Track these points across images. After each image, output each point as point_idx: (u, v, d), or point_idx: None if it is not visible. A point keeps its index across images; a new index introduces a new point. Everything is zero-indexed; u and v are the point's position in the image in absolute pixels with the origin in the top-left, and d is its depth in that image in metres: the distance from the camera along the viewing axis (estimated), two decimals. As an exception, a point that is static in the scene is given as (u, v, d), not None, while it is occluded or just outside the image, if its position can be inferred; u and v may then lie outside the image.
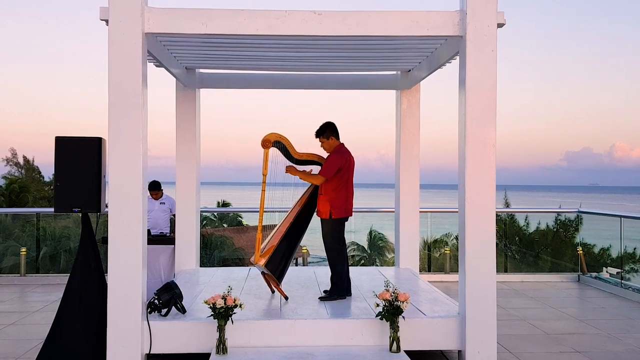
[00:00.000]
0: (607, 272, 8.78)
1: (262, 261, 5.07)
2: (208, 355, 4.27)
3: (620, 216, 8.54)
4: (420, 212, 7.18)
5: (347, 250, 6.37)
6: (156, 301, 4.52)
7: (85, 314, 4.47)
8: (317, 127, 5.34)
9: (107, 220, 4.37)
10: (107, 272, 4.38)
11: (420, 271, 7.21)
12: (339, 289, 5.28)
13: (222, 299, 4.23)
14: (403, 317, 4.34)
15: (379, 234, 11.68)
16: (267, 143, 5.14)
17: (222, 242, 10.38)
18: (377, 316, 4.37)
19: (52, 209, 5.00)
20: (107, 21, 4.31)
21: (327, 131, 5.30)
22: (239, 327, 4.38)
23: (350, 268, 5.51)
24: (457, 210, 4.72)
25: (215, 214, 14.67)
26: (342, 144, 5.38)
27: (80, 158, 4.50)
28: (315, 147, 5.43)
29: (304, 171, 5.32)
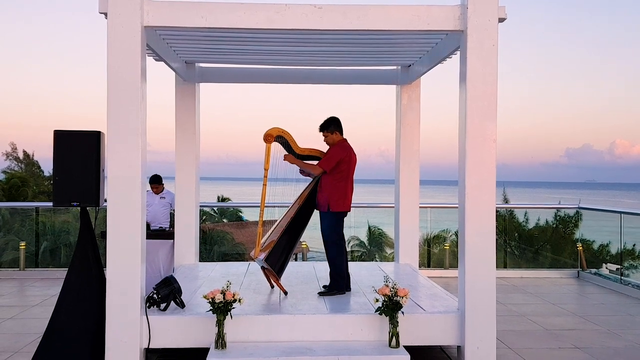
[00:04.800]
0: (606, 268, 8.78)
1: (262, 255, 5.06)
2: (207, 349, 4.27)
3: (620, 212, 8.53)
4: (420, 207, 7.17)
5: (348, 246, 6.38)
6: (155, 296, 4.51)
7: (84, 308, 4.46)
8: (322, 121, 5.32)
9: (106, 215, 4.35)
10: (106, 267, 4.37)
11: (419, 267, 7.21)
12: (339, 284, 5.27)
13: (221, 293, 4.22)
14: (402, 313, 4.33)
15: (379, 229, 11.66)
16: (269, 137, 5.13)
17: (222, 237, 10.36)
18: (376, 311, 4.37)
19: (51, 204, 4.98)
20: (105, 14, 4.29)
21: (332, 126, 5.29)
22: (238, 322, 4.37)
23: (350, 263, 5.50)
24: (457, 205, 4.71)
25: (216, 209, 14.64)
26: (345, 139, 5.36)
27: (79, 152, 4.48)
28: (317, 142, 5.42)
29: (301, 160, 5.30)
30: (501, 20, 4.42)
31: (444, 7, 4.45)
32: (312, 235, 7.87)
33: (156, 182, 7.30)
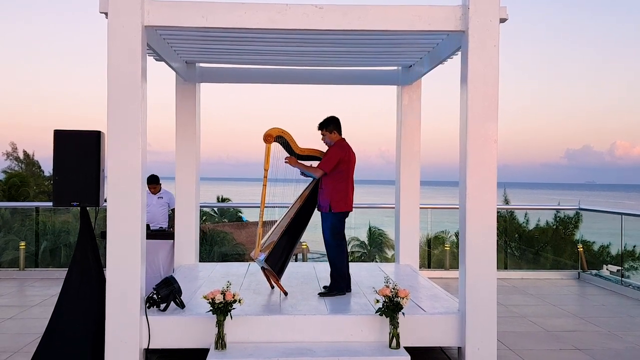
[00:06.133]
0: (607, 269, 8.76)
1: (262, 256, 5.05)
2: (207, 350, 4.26)
3: (621, 213, 8.51)
4: (421, 208, 7.16)
5: (348, 246, 6.35)
6: (155, 296, 4.50)
7: (84, 308, 4.45)
8: (322, 120, 5.32)
9: (106, 215, 4.34)
10: (105, 267, 4.36)
11: (419, 267, 7.20)
12: (339, 285, 5.26)
13: (221, 294, 4.21)
14: (403, 314, 4.32)
15: (379, 230, 11.66)
16: (269, 138, 5.12)
17: (222, 237, 10.36)
18: (376, 312, 4.36)
19: (51, 203, 4.98)
20: (106, 14, 4.28)
21: (331, 125, 5.28)
22: (238, 323, 4.36)
23: (350, 264, 5.49)
24: (457, 206, 4.70)
25: (216, 209, 14.65)
26: (344, 139, 5.36)
27: (79, 152, 4.48)
28: (317, 142, 5.41)
29: (302, 163, 5.31)
30: (502, 20, 4.41)
31: (445, 8, 4.44)
32: (313, 235, 7.86)
33: (153, 182, 7.28)
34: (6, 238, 9.43)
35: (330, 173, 5.20)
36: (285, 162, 5.24)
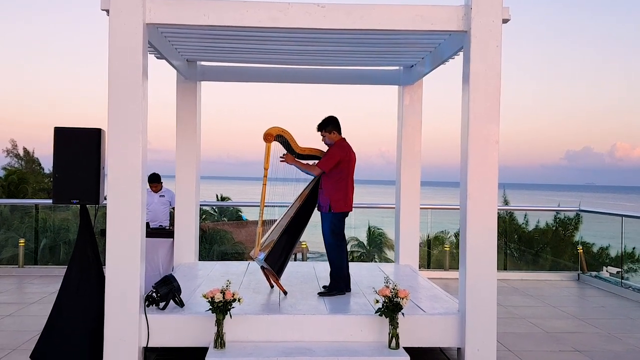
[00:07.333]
0: (607, 271, 8.76)
1: (262, 255, 5.04)
2: (206, 349, 4.25)
3: (622, 215, 8.50)
4: (421, 208, 7.15)
5: (348, 246, 6.35)
6: (154, 294, 4.49)
7: (83, 305, 4.44)
8: (320, 121, 5.31)
9: (106, 213, 4.33)
10: (105, 265, 4.35)
11: (419, 268, 7.19)
12: (339, 285, 5.25)
13: (221, 293, 4.20)
14: (402, 314, 4.31)
15: (378, 230, 11.65)
16: (269, 137, 5.11)
17: (221, 236, 10.35)
18: (376, 312, 4.35)
19: (51, 201, 4.97)
20: (107, 11, 4.27)
21: (330, 125, 5.27)
22: (237, 322, 4.35)
23: (350, 264, 5.49)
24: (458, 207, 4.70)
25: (215, 208, 14.63)
26: (344, 139, 5.35)
27: (80, 149, 4.47)
28: (317, 142, 5.40)
29: (299, 161, 5.29)
30: (505, 21, 4.40)
31: (447, 7, 4.43)
32: (312, 235, 7.85)
33: (155, 181, 7.28)
34: (5, 235, 9.42)
35: (329, 172, 5.19)
36: (281, 160, 5.19)
